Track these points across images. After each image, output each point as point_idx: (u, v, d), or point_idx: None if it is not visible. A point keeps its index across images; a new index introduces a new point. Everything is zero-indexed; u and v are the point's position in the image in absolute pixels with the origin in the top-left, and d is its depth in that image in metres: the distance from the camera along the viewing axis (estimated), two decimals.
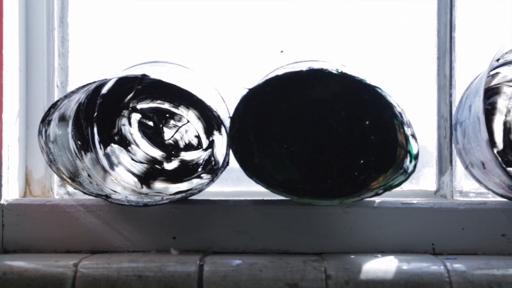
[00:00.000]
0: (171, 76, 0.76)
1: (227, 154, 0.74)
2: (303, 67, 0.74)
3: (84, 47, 0.91)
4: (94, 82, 0.74)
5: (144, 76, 0.73)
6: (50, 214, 0.77)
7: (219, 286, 0.66)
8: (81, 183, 0.77)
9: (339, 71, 0.72)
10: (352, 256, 0.72)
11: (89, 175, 0.81)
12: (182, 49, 0.92)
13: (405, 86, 0.90)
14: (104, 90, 0.84)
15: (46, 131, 0.76)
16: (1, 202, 0.77)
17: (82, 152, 0.83)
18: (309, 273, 0.66)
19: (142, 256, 0.70)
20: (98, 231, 0.77)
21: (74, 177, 0.77)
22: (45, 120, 0.75)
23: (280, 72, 0.74)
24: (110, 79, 0.77)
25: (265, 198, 0.79)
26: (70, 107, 0.79)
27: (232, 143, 0.74)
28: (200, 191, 0.75)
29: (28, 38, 0.85)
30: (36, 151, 0.85)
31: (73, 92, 0.74)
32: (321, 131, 0.86)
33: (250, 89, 0.73)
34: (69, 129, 0.81)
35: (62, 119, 0.79)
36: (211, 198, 0.79)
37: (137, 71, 0.81)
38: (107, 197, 0.76)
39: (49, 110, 0.74)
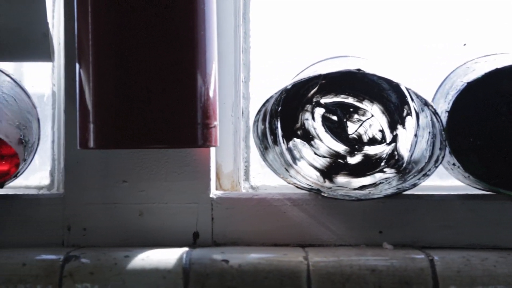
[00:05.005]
0: (381, 71, 0.76)
1: (441, 149, 0.74)
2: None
3: (263, 42, 0.91)
4: (307, 78, 0.75)
5: (359, 70, 0.73)
6: (257, 207, 0.79)
7: (454, 281, 0.66)
8: (285, 177, 0.78)
9: None
10: None
11: (286, 169, 0.82)
12: (360, 43, 0.92)
13: None
14: (288, 85, 0.84)
15: (257, 126, 0.77)
16: (210, 196, 0.79)
17: (275, 146, 0.84)
18: None
19: (367, 250, 0.71)
20: (305, 224, 0.78)
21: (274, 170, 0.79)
22: (257, 115, 0.76)
23: (499, 65, 0.73)
24: (322, 75, 0.77)
25: (469, 193, 0.79)
26: (271, 102, 0.80)
27: (447, 138, 0.74)
28: (414, 185, 0.75)
29: (218, 34, 0.86)
30: (225, 145, 0.87)
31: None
32: (506, 123, 0.85)
33: (468, 83, 0.73)
34: (267, 123, 0.82)
35: (264, 114, 0.80)
36: (415, 193, 0.79)
37: (331, 65, 0.81)
38: (318, 191, 0.76)
39: (263, 105, 0.75)
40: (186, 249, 0.72)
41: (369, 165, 0.88)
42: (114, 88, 0.68)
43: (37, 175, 0.88)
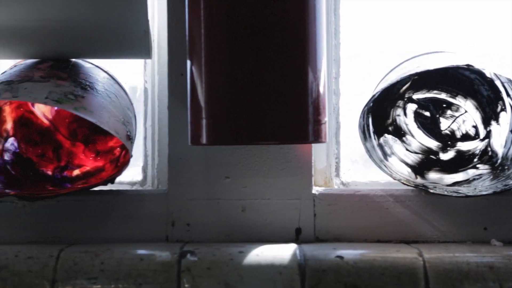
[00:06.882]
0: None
1: None
2: None
3: (352, 38, 0.91)
4: (414, 73, 0.75)
5: (468, 66, 0.73)
6: (359, 203, 0.78)
7: None
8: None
9: None
10: None
11: (385, 165, 0.82)
12: (448, 37, 0.91)
13: None
14: (399, 78, 0.84)
15: (360, 123, 0.77)
16: (313, 192, 0.79)
17: (371, 141, 0.84)
18: None
19: (480, 247, 0.71)
20: (408, 221, 0.78)
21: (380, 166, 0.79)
22: (361, 112, 0.76)
23: None
24: (425, 71, 0.77)
25: None
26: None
27: None
28: None
29: None
30: None
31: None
32: None
33: None
34: (364, 120, 0.82)
35: (363, 111, 0.80)
36: None
37: (427, 61, 0.81)
38: (424, 187, 0.76)
39: (368, 101, 0.75)
40: (295, 245, 0.73)
41: (462, 161, 0.88)
42: (227, 85, 0.68)
43: (130, 170, 0.89)
